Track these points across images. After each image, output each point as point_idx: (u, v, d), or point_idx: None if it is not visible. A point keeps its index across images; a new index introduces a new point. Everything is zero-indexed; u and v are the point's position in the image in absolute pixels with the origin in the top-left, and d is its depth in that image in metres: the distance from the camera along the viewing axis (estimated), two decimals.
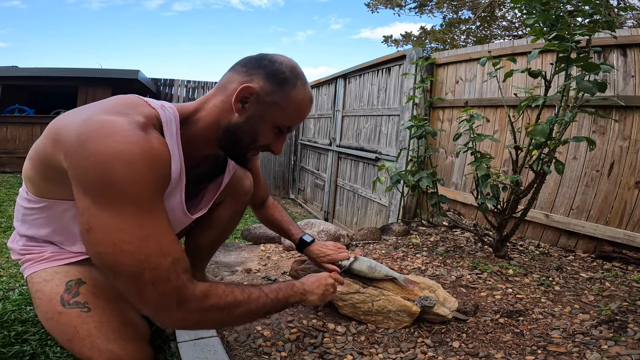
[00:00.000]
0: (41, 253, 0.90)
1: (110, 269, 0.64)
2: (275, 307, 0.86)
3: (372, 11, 8.21)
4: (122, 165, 0.62)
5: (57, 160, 0.68)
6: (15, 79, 5.99)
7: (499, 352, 1.01)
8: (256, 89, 0.79)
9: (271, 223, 1.33)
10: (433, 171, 1.90)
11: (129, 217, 0.63)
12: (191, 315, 0.70)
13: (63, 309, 0.81)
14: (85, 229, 0.63)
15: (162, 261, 0.65)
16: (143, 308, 0.68)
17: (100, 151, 0.62)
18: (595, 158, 1.96)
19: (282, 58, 0.83)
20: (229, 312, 0.75)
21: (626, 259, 1.75)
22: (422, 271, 1.64)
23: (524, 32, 7.03)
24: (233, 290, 0.77)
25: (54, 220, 0.86)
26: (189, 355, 0.93)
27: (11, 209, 3.12)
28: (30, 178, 0.82)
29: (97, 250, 0.63)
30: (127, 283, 0.64)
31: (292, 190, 6.72)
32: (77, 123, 0.66)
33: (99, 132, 0.63)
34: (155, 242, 0.65)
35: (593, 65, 1.30)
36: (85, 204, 0.63)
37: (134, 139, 0.64)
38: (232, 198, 1.19)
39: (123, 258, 0.62)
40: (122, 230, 0.62)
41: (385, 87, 3.69)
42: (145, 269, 0.63)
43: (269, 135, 0.84)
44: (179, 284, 0.67)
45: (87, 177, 0.62)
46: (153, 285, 0.64)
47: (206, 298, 0.71)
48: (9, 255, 1.85)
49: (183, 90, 8.02)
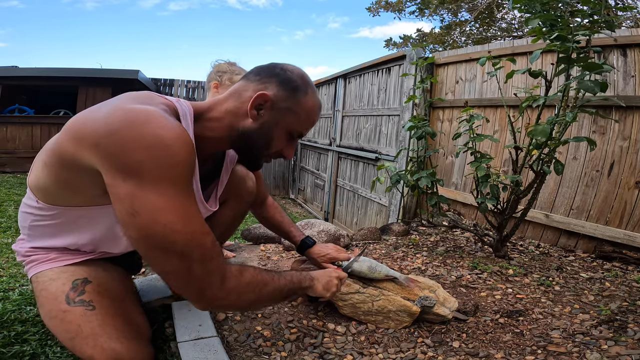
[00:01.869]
0: (47, 254, 0.91)
1: (160, 249, 0.65)
2: (291, 289, 0.91)
3: (374, 15, 8.22)
4: (165, 149, 0.64)
5: (81, 160, 0.68)
6: (15, 79, 5.99)
7: (499, 352, 1.01)
8: (270, 96, 0.82)
9: (272, 224, 1.34)
10: (433, 171, 1.90)
11: (171, 198, 0.65)
12: (230, 294, 0.74)
13: (68, 307, 0.82)
14: (130, 214, 0.64)
15: (207, 240, 0.69)
16: (189, 287, 0.70)
17: (142, 135, 0.63)
18: (595, 158, 1.96)
19: (292, 67, 0.87)
20: (260, 291, 0.80)
21: (626, 259, 1.75)
22: (422, 271, 1.64)
23: (523, 33, 7.04)
24: (260, 271, 0.83)
25: (68, 226, 0.86)
26: (189, 355, 0.93)
27: (11, 209, 3.12)
28: (42, 186, 0.81)
29: (146, 232, 0.64)
30: (176, 262, 0.66)
31: (292, 190, 6.72)
32: (103, 116, 0.67)
33: (135, 119, 0.65)
34: (198, 221, 0.68)
35: (595, 65, 1.30)
36: (127, 190, 0.64)
37: (169, 124, 0.66)
38: (235, 199, 1.19)
39: (174, 237, 0.64)
40: (168, 211, 0.64)
41: (385, 87, 3.69)
42: (194, 247, 0.66)
43: (282, 140, 0.87)
44: (221, 261, 0.71)
45: (129, 160, 0.63)
46: (200, 263, 0.68)
47: (242, 276, 0.76)
48: (9, 255, 1.85)
49: (183, 90, 8.01)
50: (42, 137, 5.95)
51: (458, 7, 7.31)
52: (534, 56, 1.44)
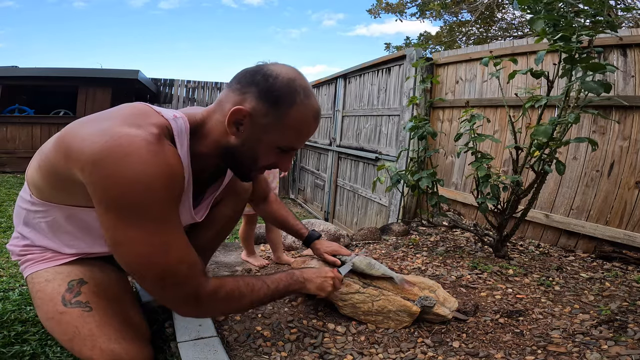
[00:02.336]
0: (42, 253, 0.90)
1: (137, 275, 0.72)
2: (276, 295, 0.95)
3: (374, 17, 8.21)
4: (142, 187, 0.65)
5: (72, 174, 0.69)
6: (15, 79, 5.99)
7: (499, 352, 1.01)
8: (248, 110, 0.75)
9: (276, 220, 1.34)
10: (433, 171, 1.90)
11: (150, 232, 0.68)
12: (204, 309, 0.82)
13: (64, 308, 0.81)
14: (112, 242, 0.69)
15: (181, 268, 0.73)
16: (166, 303, 0.80)
17: (119, 173, 0.64)
18: (595, 158, 1.96)
19: (279, 70, 0.76)
20: (237, 303, 0.86)
21: (626, 259, 1.75)
22: (422, 271, 1.64)
23: (523, 33, 7.03)
24: (238, 284, 0.85)
25: (60, 224, 0.86)
26: (189, 355, 0.93)
27: (11, 209, 3.12)
28: (37, 185, 0.82)
29: (126, 261, 0.71)
30: (151, 286, 0.73)
31: (292, 190, 6.72)
32: (91, 137, 0.66)
33: (117, 150, 0.64)
34: (175, 252, 0.72)
35: (598, 65, 1.30)
36: (110, 221, 0.67)
37: (151, 159, 0.66)
38: (232, 197, 1.19)
39: (148, 267, 0.70)
40: (145, 244, 0.68)
41: (385, 87, 3.69)
42: (167, 275, 0.71)
43: (270, 156, 0.81)
44: (194, 285, 0.76)
45: (108, 196, 0.65)
46: (173, 288, 0.73)
47: (216, 294, 0.79)
48: (9, 255, 1.85)
49: (183, 90, 8.01)
50: (42, 137, 5.95)
51: (457, 10, 7.31)
52: (539, 57, 1.44)
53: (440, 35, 7.97)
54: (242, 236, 1.75)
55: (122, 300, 0.92)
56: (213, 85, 8.12)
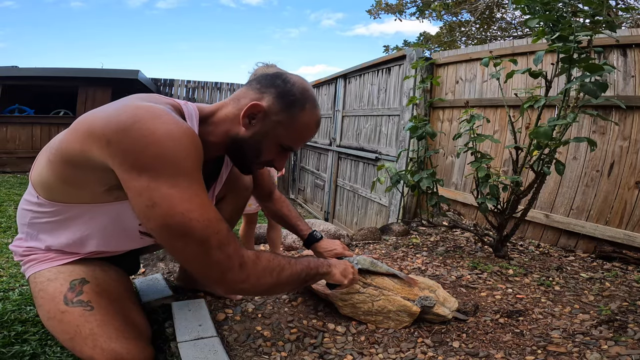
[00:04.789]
0: (45, 253, 0.90)
1: (180, 237, 0.68)
2: (309, 274, 0.91)
3: (374, 17, 8.21)
4: (175, 143, 0.67)
5: (90, 157, 0.70)
6: (16, 79, 5.99)
7: (499, 352, 1.01)
8: (264, 107, 0.83)
9: (279, 217, 1.34)
10: (433, 171, 1.90)
11: (186, 188, 0.68)
12: (250, 277, 0.75)
13: (66, 307, 0.82)
14: (148, 206, 0.67)
15: (222, 226, 0.72)
16: (210, 272, 0.73)
17: (152, 131, 0.66)
18: (595, 158, 1.96)
19: (295, 79, 0.86)
20: (278, 275, 0.81)
21: (626, 259, 1.75)
22: (422, 271, 1.64)
23: (523, 33, 7.03)
24: (276, 256, 0.84)
25: (67, 224, 0.86)
26: (189, 355, 0.93)
27: (11, 209, 3.12)
28: (45, 182, 0.81)
29: (166, 221, 0.67)
30: (195, 248, 0.69)
31: (292, 190, 6.72)
32: (116, 112, 0.70)
33: (145, 116, 0.68)
34: (212, 209, 0.71)
35: (596, 66, 1.29)
36: (143, 183, 0.67)
37: (176, 120, 0.70)
38: (233, 194, 1.20)
39: (192, 224, 0.67)
40: (185, 200, 0.67)
41: (385, 87, 3.69)
42: (211, 233, 0.69)
43: (272, 152, 0.88)
44: (238, 246, 0.74)
45: (142, 155, 0.66)
46: (219, 248, 0.71)
47: (259, 260, 0.77)
48: (9, 255, 1.85)
49: (183, 90, 8.01)
50: (42, 137, 5.95)
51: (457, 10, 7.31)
52: (538, 57, 1.44)
53: (440, 35, 7.97)
54: (242, 235, 1.75)
55: (124, 299, 0.93)
56: (213, 85, 8.12)
